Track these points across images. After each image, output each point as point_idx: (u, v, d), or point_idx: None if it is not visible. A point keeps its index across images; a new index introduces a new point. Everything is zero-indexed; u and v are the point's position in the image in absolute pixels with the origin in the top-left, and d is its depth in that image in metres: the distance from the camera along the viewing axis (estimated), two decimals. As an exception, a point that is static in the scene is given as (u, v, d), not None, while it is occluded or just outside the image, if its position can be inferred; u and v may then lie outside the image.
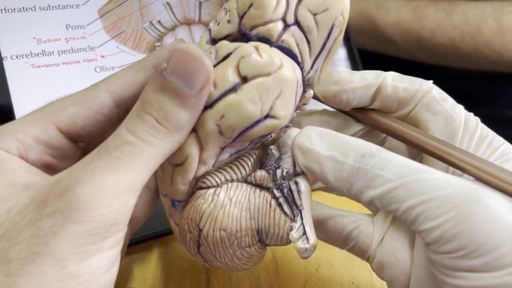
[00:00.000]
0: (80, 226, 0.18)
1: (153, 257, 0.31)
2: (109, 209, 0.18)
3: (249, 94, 0.21)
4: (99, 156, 0.19)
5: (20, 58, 0.33)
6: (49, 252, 0.17)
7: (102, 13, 0.36)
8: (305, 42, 0.22)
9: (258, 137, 0.23)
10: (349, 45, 0.48)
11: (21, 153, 0.21)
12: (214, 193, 0.23)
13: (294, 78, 0.22)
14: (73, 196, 0.18)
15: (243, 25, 0.22)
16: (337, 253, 0.32)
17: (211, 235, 0.23)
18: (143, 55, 0.37)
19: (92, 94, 0.22)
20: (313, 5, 0.22)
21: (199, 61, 0.19)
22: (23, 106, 0.32)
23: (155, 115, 0.20)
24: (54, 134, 0.22)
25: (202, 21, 0.40)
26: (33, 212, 0.18)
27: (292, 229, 0.23)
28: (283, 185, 0.23)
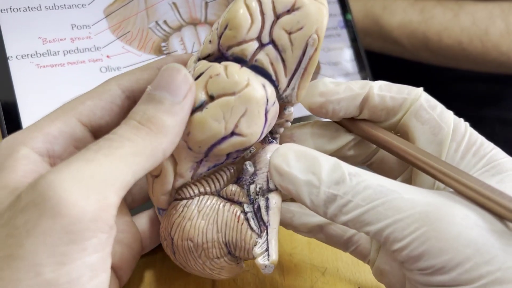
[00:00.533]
0: (55, 221, 0.16)
1: (158, 260, 0.31)
2: (86, 201, 0.17)
3: (213, 113, 0.21)
4: (78, 152, 0.19)
5: (25, 58, 0.32)
6: (23, 255, 0.16)
7: (108, 13, 0.36)
8: (280, 61, 0.23)
9: (234, 151, 0.24)
10: (355, 46, 0.47)
11: (47, 146, 0.22)
12: (185, 205, 0.24)
13: (262, 97, 0.22)
14: (45, 184, 0.17)
15: (221, 46, 0.23)
16: (343, 257, 0.32)
17: (180, 245, 0.24)
18: (148, 56, 0.36)
19: (104, 88, 0.24)
20: (288, 24, 0.22)
21: (181, 73, 0.21)
22: (28, 106, 0.32)
23: (138, 119, 0.20)
24: (77, 126, 0.23)
25: (208, 21, 0.39)
26: (9, 211, 0.17)
27: (256, 244, 0.23)
28: (256, 200, 0.24)
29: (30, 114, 0.32)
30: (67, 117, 0.23)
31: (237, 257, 0.25)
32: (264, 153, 0.25)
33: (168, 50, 0.37)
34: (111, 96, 0.24)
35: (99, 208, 0.17)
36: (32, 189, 0.17)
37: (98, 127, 0.23)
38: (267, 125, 0.23)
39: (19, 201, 0.17)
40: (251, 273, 0.30)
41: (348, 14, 0.47)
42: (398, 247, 0.20)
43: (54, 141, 0.22)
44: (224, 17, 0.23)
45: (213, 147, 0.22)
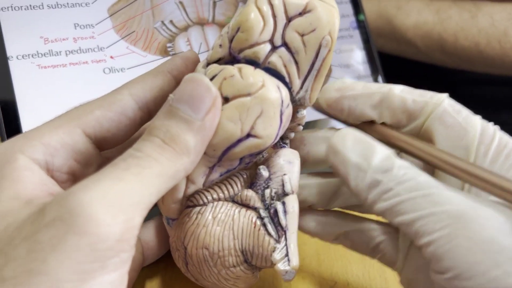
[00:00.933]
0: (82, 239, 0.16)
1: (160, 271, 0.30)
2: (115, 221, 0.17)
3: (229, 114, 0.21)
4: (105, 169, 0.18)
5: (26, 58, 0.31)
6: (46, 270, 0.16)
7: (112, 12, 0.35)
8: (293, 63, 0.23)
9: (247, 156, 0.23)
10: (368, 47, 0.46)
11: (47, 158, 0.20)
12: (198, 212, 0.23)
13: (277, 98, 0.22)
14: (75, 201, 0.17)
15: (233, 49, 0.23)
16: (353, 271, 0.30)
17: (194, 254, 0.23)
18: (153, 57, 0.35)
19: (115, 97, 0.23)
20: (300, 26, 0.22)
21: (204, 87, 0.20)
22: (29, 108, 0.31)
23: (161, 137, 0.20)
24: (80, 138, 0.22)
25: (216, 21, 0.38)
26: (30, 225, 0.17)
27: (275, 250, 0.23)
28: (271, 205, 0.23)
29: (30, 117, 0.31)
30: (71, 127, 0.21)
31: (253, 265, 0.24)
32: (277, 157, 0.25)
33: (174, 51, 0.36)
34: (121, 107, 0.22)
35: (125, 229, 0.17)
36: (59, 204, 0.17)
37: (102, 139, 0.22)
38: (281, 127, 0.23)
39: (42, 215, 0.17)
40: (257, 286, 0.29)
41: (360, 14, 0.46)
42: (425, 241, 0.20)
43: (54, 153, 0.21)
44: (236, 20, 0.22)
45: (228, 150, 0.22)
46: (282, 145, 0.26)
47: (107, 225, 0.16)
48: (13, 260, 0.16)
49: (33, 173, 0.20)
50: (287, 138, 0.26)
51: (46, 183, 0.20)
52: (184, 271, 0.25)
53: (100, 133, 0.22)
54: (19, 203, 0.18)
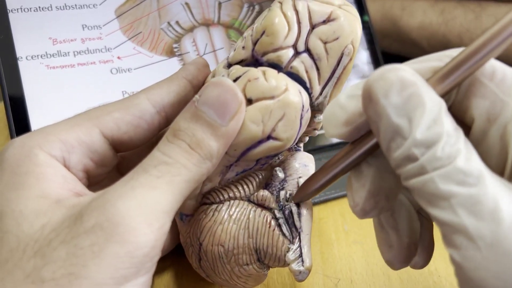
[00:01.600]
0: (122, 247, 0.17)
1: (167, 268, 0.30)
2: (151, 229, 0.18)
3: (252, 115, 0.21)
4: (137, 175, 0.19)
5: (35, 59, 0.32)
6: (87, 275, 0.17)
7: (119, 13, 0.35)
8: (314, 69, 0.23)
9: (264, 157, 0.24)
10: (373, 48, 0.46)
11: (63, 154, 0.21)
12: (215, 209, 0.24)
13: (299, 102, 0.22)
14: (114, 210, 0.17)
15: (256, 52, 0.23)
16: (357, 268, 0.31)
17: (210, 250, 0.24)
18: (160, 57, 0.36)
19: (133, 102, 0.23)
20: (324, 34, 0.23)
21: (231, 92, 0.20)
22: (38, 107, 0.31)
23: (188, 141, 0.20)
24: (97, 138, 0.22)
25: (221, 22, 0.38)
26: (68, 229, 0.17)
27: (289, 250, 0.23)
28: (285, 207, 0.24)
29: (39, 116, 0.31)
30: (89, 126, 0.22)
31: (265, 264, 0.24)
32: (293, 159, 0.25)
33: (180, 52, 0.36)
34: (140, 111, 0.23)
35: (158, 236, 0.18)
36: (98, 212, 0.17)
37: (119, 141, 0.23)
38: (300, 131, 0.23)
39: (81, 221, 0.17)
40: (262, 284, 0.29)
41: (365, 15, 0.46)
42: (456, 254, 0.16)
43: (71, 150, 0.21)
44: (261, 24, 0.23)
45: (248, 150, 0.22)
46: (297, 148, 0.27)
47: (144, 234, 0.17)
48: (52, 262, 0.17)
49: (55, 170, 0.20)
50: (302, 142, 0.27)
51: (69, 181, 0.20)
52: (196, 266, 0.25)
53: (117, 135, 0.22)
54: (49, 203, 0.19)
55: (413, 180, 0.16)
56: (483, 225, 0.15)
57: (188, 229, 0.25)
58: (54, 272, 0.17)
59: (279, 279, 0.30)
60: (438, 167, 0.16)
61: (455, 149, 0.16)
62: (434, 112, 0.16)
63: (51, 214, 0.18)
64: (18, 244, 0.17)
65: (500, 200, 0.15)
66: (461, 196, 0.15)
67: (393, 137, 0.17)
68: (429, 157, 0.16)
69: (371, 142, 0.19)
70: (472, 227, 0.15)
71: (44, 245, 0.17)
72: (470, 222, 0.15)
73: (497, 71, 0.18)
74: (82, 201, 0.19)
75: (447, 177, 0.16)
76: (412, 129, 0.16)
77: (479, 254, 0.15)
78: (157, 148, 0.20)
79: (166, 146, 0.20)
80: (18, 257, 0.17)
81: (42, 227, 0.18)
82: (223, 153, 0.21)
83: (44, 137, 0.21)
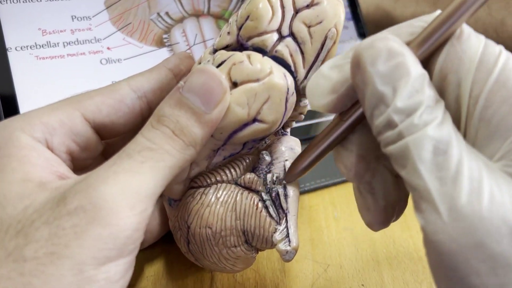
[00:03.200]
0: (104, 229, 0.17)
1: (156, 255, 0.30)
2: (133, 212, 0.18)
3: (237, 98, 0.22)
4: (120, 159, 0.19)
5: (24, 50, 0.32)
6: (69, 254, 0.17)
7: (109, 4, 0.35)
8: (299, 53, 0.24)
9: (250, 141, 0.24)
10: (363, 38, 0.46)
11: (46, 136, 0.21)
12: (202, 192, 0.24)
13: (284, 85, 0.22)
14: (97, 193, 0.18)
15: (241, 36, 0.23)
16: (347, 254, 0.31)
17: (197, 233, 0.24)
18: (149, 48, 0.36)
19: (114, 87, 0.23)
20: (307, 18, 0.23)
21: (216, 80, 0.21)
22: (27, 98, 0.31)
23: (172, 127, 0.20)
24: (79, 120, 0.22)
25: (211, 13, 0.39)
26: (51, 210, 0.18)
27: (276, 231, 0.24)
28: (272, 189, 0.24)
29: (29, 106, 0.31)
30: (70, 109, 0.22)
31: (253, 246, 0.24)
32: (279, 143, 0.25)
33: (170, 42, 0.37)
34: (120, 95, 0.23)
35: (141, 219, 0.18)
36: (81, 195, 0.18)
37: (101, 125, 0.23)
38: (286, 114, 0.23)
39: (63, 203, 0.18)
40: (251, 269, 0.29)
41: (357, 7, 0.46)
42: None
43: (53, 132, 0.21)
44: (245, 9, 0.23)
45: (234, 133, 0.23)
46: (284, 133, 0.27)
47: (126, 217, 0.18)
48: (34, 242, 0.17)
49: (38, 152, 0.20)
50: (288, 127, 0.27)
51: (52, 163, 0.20)
52: (184, 250, 0.26)
53: (99, 119, 0.23)
54: (32, 186, 0.19)
55: (391, 147, 0.17)
56: (444, 190, 0.15)
57: (176, 213, 0.25)
58: (36, 251, 0.17)
59: (268, 264, 0.30)
60: (413, 133, 0.16)
61: (432, 117, 0.16)
62: (417, 82, 0.17)
63: (35, 196, 0.18)
64: (1, 225, 0.18)
65: (462, 166, 0.16)
66: (429, 162, 0.16)
67: (377, 104, 0.17)
68: (407, 123, 0.16)
69: (357, 113, 0.20)
70: (435, 192, 0.16)
71: (27, 225, 0.17)
72: (433, 187, 0.16)
73: (464, 31, 0.18)
74: (65, 184, 0.19)
75: (419, 142, 0.16)
76: (395, 97, 0.17)
77: (439, 218, 0.15)
78: (140, 133, 0.20)
79: (150, 132, 0.20)
80: (1, 237, 0.17)
81: (25, 208, 0.18)
82: (207, 139, 0.21)
83: (26, 120, 0.21)
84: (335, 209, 0.35)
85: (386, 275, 0.29)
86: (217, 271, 0.26)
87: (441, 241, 0.15)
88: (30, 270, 0.17)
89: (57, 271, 0.17)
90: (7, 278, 0.16)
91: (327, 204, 0.35)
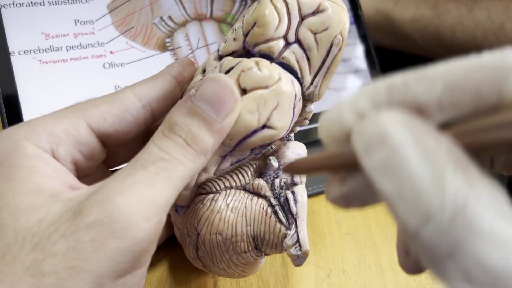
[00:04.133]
0: (122, 243, 0.17)
1: (160, 260, 0.30)
2: (149, 224, 0.18)
3: (247, 105, 0.22)
4: (135, 170, 0.19)
5: (27, 54, 0.32)
6: (88, 268, 0.17)
7: (112, 8, 0.35)
8: (305, 59, 0.24)
9: (258, 147, 0.24)
10: (366, 42, 0.46)
11: (52, 146, 0.21)
12: (212, 199, 0.24)
13: (292, 91, 0.23)
14: (114, 206, 0.18)
15: (247, 43, 0.23)
16: (349, 259, 0.31)
17: (208, 239, 0.24)
18: (152, 52, 0.36)
19: (119, 95, 0.23)
20: (313, 25, 0.23)
21: (228, 89, 0.21)
22: (30, 102, 0.31)
23: (184, 136, 0.20)
24: (84, 130, 0.22)
25: (214, 16, 0.39)
26: (67, 223, 0.18)
27: (286, 236, 0.24)
28: (280, 194, 0.24)
29: (32, 111, 0.31)
30: (75, 118, 0.22)
31: (262, 252, 0.25)
32: (286, 148, 0.25)
33: (173, 46, 0.37)
34: (125, 104, 0.23)
35: (157, 230, 0.19)
36: (98, 208, 0.18)
37: (106, 134, 0.23)
38: (293, 120, 0.24)
39: (80, 217, 0.18)
40: (254, 274, 0.30)
41: (358, 9, 0.46)
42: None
43: (58, 142, 0.21)
44: (251, 16, 0.23)
45: (243, 140, 0.23)
46: (288, 137, 0.27)
47: (143, 229, 0.18)
48: (52, 256, 0.17)
49: (46, 162, 0.20)
50: (293, 132, 0.27)
51: (60, 173, 0.20)
52: (192, 257, 0.25)
53: (104, 128, 0.23)
54: (44, 197, 0.19)
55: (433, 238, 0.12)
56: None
57: (184, 220, 0.25)
58: (54, 266, 0.17)
59: (271, 270, 0.30)
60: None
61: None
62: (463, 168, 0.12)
63: (48, 208, 0.18)
64: (16, 238, 0.17)
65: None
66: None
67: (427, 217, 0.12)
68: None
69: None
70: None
71: (43, 239, 0.17)
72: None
73: None
74: (78, 195, 0.19)
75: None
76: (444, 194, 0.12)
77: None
78: (153, 142, 0.20)
79: (163, 141, 0.20)
80: (17, 250, 0.17)
81: (40, 221, 0.18)
82: (217, 147, 0.21)
83: (31, 129, 0.20)
84: (337, 213, 0.35)
85: (389, 280, 0.30)
86: (225, 277, 0.26)
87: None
88: (49, 285, 0.16)
89: (76, 285, 0.17)
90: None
91: (330, 209, 0.35)
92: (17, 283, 0.16)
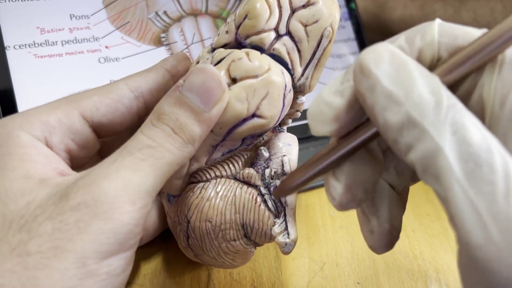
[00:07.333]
0: (106, 224, 0.18)
1: (154, 253, 0.30)
2: (134, 208, 0.19)
3: (237, 94, 0.22)
4: (122, 157, 0.20)
5: (23, 48, 0.32)
6: (72, 248, 0.17)
7: (107, 3, 0.35)
8: (295, 51, 0.24)
9: (249, 137, 0.24)
10: (360, 38, 0.47)
11: (45, 134, 0.21)
12: (202, 187, 0.24)
13: (282, 81, 0.23)
14: (99, 190, 0.18)
15: (239, 35, 0.24)
16: (343, 252, 0.31)
17: (197, 226, 0.24)
18: (148, 46, 0.36)
19: (112, 86, 0.24)
20: (304, 17, 0.24)
21: (215, 79, 0.21)
22: (26, 96, 0.31)
23: (171, 125, 0.21)
24: (77, 119, 0.23)
25: (209, 12, 0.39)
26: (54, 206, 0.18)
27: (274, 224, 0.24)
28: (270, 184, 0.25)
29: (28, 105, 0.31)
30: (68, 108, 0.22)
31: (252, 241, 0.25)
32: (277, 139, 0.26)
33: (168, 41, 0.37)
34: (118, 95, 0.24)
35: (141, 214, 0.19)
36: (84, 191, 0.18)
37: (99, 124, 0.23)
38: (284, 110, 0.24)
39: (66, 199, 0.18)
40: (247, 267, 0.30)
41: (352, 3, 0.47)
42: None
43: (52, 131, 0.22)
44: (243, 8, 0.24)
45: (233, 129, 0.23)
46: (280, 130, 0.27)
47: (128, 212, 0.18)
48: (38, 236, 0.17)
49: (38, 150, 0.21)
50: (285, 124, 0.28)
51: (52, 160, 0.21)
52: (184, 246, 0.26)
53: (97, 118, 0.23)
54: (33, 182, 0.19)
55: (414, 154, 0.15)
56: (495, 210, 0.13)
57: (175, 209, 0.25)
58: (40, 246, 0.17)
59: (265, 262, 0.30)
60: (440, 133, 0.14)
61: (460, 117, 0.15)
62: (429, 81, 0.15)
63: (36, 192, 0.19)
64: (4, 221, 0.18)
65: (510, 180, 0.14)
66: (470, 174, 0.14)
67: (388, 105, 0.16)
68: (432, 119, 0.15)
69: (358, 140, 0.19)
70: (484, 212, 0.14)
71: (30, 221, 0.18)
72: (481, 206, 0.14)
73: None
74: (66, 180, 0.19)
75: (453, 146, 0.14)
76: (408, 93, 0.15)
77: (489, 237, 0.14)
78: (141, 131, 0.21)
79: (151, 130, 0.20)
80: (4, 232, 0.18)
81: (28, 204, 0.18)
82: (205, 137, 0.22)
83: (25, 118, 0.21)
84: (331, 207, 0.35)
85: (382, 273, 0.30)
86: (216, 266, 0.27)
87: (488, 259, 0.13)
88: (34, 264, 0.17)
89: (60, 265, 0.17)
90: (11, 272, 0.17)
91: (324, 203, 0.36)
92: (2, 262, 0.17)
